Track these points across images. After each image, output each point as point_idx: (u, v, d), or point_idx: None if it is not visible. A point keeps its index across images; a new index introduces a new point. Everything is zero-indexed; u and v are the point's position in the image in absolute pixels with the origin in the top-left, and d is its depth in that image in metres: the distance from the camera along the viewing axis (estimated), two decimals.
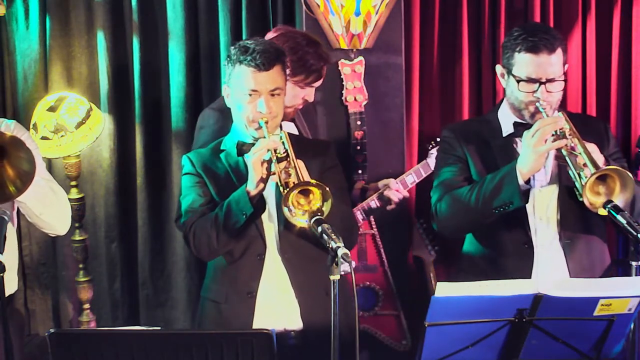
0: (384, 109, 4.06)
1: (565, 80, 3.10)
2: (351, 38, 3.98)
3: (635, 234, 2.66)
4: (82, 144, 4.01)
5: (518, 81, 3.03)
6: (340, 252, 2.46)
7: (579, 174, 2.88)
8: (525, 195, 2.99)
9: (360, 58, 4.01)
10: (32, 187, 2.69)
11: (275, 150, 2.80)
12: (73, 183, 4.10)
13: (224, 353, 2.42)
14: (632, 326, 2.65)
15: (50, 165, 4.15)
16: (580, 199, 2.84)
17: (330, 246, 2.50)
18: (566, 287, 2.50)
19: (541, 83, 3.00)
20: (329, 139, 3.82)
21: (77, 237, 4.17)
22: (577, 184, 2.89)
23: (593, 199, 2.81)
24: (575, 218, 3.08)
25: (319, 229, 2.58)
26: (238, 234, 2.90)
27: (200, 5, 4.18)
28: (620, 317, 2.57)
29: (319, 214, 2.66)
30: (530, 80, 3.01)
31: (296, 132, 3.43)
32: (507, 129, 3.15)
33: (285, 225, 2.92)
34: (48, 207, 2.91)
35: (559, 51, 3.02)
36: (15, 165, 2.64)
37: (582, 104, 4.38)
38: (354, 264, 3.76)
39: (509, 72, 3.07)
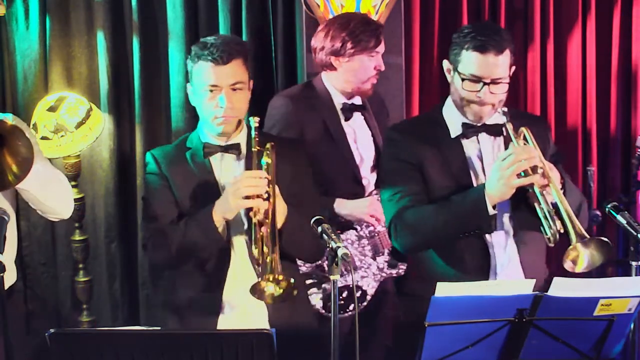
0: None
1: (509, 83, 2.99)
2: None
3: (635, 234, 2.67)
4: (82, 144, 4.00)
5: (463, 79, 2.95)
6: (340, 252, 2.45)
7: (547, 212, 2.83)
8: (493, 220, 2.93)
9: None
10: (33, 174, 2.69)
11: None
12: (73, 183, 4.09)
13: (224, 353, 2.42)
14: (632, 326, 2.65)
15: None
16: (547, 235, 2.84)
17: (330, 246, 2.49)
18: (566, 287, 2.49)
19: (485, 83, 2.92)
20: None
21: (77, 237, 4.16)
22: (544, 224, 2.84)
23: (572, 255, 2.74)
24: (525, 216, 2.99)
25: (319, 228, 2.58)
26: (199, 254, 2.87)
27: (200, 5, 4.17)
28: (620, 317, 2.57)
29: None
30: (474, 80, 2.93)
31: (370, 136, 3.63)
32: (454, 129, 3.05)
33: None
34: (51, 193, 2.89)
35: (507, 52, 2.94)
36: (15, 154, 2.65)
37: (582, 105, 4.39)
38: (380, 268, 3.72)
39: (455, 69, 2.99)
